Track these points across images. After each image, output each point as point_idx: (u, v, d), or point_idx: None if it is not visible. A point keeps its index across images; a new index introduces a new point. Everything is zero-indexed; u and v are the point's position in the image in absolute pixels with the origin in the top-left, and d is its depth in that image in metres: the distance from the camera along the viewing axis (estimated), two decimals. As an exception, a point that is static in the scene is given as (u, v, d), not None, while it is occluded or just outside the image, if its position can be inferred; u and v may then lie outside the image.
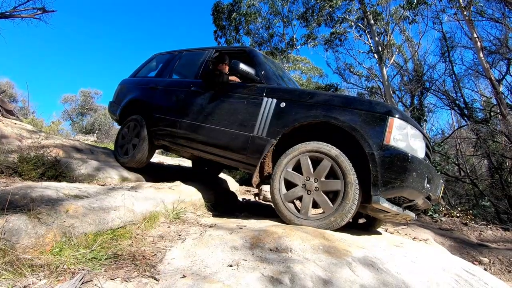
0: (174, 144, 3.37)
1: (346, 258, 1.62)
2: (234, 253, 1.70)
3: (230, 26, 13.90)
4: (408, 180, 2.03)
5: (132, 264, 1.54)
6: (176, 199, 2.81)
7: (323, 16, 12.31)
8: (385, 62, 11.78)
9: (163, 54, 4.29)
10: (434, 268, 1.83)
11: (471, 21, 8.17)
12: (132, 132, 3.73)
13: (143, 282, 1.31)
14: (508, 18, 10.55)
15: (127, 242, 1.82)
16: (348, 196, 2.13)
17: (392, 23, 12.03)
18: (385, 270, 1.58)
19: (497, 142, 10.31)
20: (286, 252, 1.68)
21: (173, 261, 1.64)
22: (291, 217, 2.31)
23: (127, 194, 2.32)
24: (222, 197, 3.80)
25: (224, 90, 2.99)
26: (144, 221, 2.24)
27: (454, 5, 9.02)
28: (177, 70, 3.88)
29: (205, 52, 3.61)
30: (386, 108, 2.21)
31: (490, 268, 3.56)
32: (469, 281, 1.81)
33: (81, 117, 26.63)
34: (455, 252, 3.80)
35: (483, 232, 4.92)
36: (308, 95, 2.52)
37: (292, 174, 2.38)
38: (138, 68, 4.50)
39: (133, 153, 3.59)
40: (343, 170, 2.18)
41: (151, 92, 3.73)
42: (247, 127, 2.68)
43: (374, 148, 2.09)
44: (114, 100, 4.38)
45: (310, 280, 1.35)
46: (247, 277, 1.32)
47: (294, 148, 2.39)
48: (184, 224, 2.50)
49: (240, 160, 2.78)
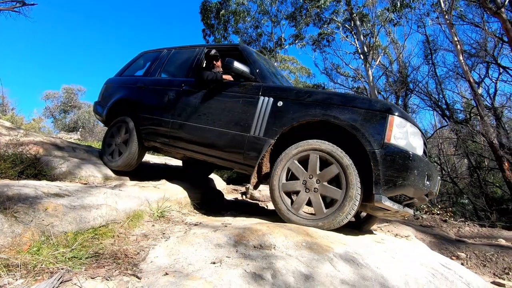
0: (166, 145, 3.28)
1: (328, 254, 1.65)
2: (218, 250, 1.70)
3: (218, 25, 13.82)
4: (410, 178, 2.02)
5: (114, 263, 1.52)
6: (161, 198, 2.78)
7: (311, 16, 12.42)
8: (371, 63, 12.01)
9: (150, 52, 4.16)
10: (412, 263, 1.89)
11: (452, 25, 8.45)
12: (120, 134, 3.61)
13: (125, 280, 1.30)
14: (487, 23, 10.98)
15: (109, 241, 1.80)
16: (344, 209, 2.10)
17: (378, 25, 12.28)
18: (365, 265, 1.63)
19: (476, 142, 10.71)
20: (270, 249, 1.70)
21: (156, 259, 1.63)
22: (282, 207, 2.29)
23: (110, 192, 2.28)
24: (208, 195, 3.79)
25: (218, 89, 2.92)
26: (128, 220, 2.21)
27: (436, 9, 9.30)
28: (166, 68, 3.77)
29: (195, 50, 3.51)
30: (386, 106, 2.20)
31: (466, 263, 3.71)
32: (445, 274, 1.88)
33: (63, 114, 25.82)
34: (435, 248, 3.93)
35: (461, 228, 5.11)
36: (306, 93, 2.48)
37: (297, 166, 2.32)
38: (124, 66, 4.36)
39: (122, 156, 3.47)
40: (348, 182, 2.12)
41: (139, 91, 3.61)
42: (243, 127, 2.62)
43: (375, 147, 2.07)
44: (99, 100, 4.21)
45: (291, 275, 1.37)
46: (229, 274, 1.33)
47: (308, 142, 2.32)
48: (169, 223, 2.48)
49: (236, 160, 2.72)
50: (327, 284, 1.37)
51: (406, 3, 8.77)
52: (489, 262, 3.65)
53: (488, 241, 4.54)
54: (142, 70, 4.12)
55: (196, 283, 1.22)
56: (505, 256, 3.68)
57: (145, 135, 3.39)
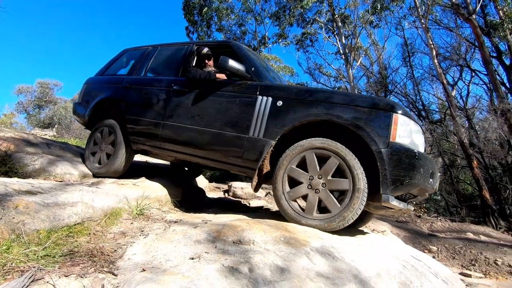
0: (157, 148, 3.12)
1: (305, 248, 1.70)
2: (197, 246, 1.71)
3: (202, 22, 13.66)
4: (417, 177, 2.01)
5: (89, 261, 1.49)
6: (140, 195, 2.74)
7: (295, 16, 12.54)
8: (352, 64, 12.30)
9: (134, 50, 3.94)
10: (385, 256, 1.98)
11: (428, 29, 8.82)
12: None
13: (100, 277, 1.28)
14: (461, 28, 11.53)
15: (85, 239, 1.76)
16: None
17: (359, 26, 12.59)
18: (340, 258, 1.69)
19: (449, 141, 11.25)
20: (249, 244, 1.72)
21: (134, 256, 1.62)
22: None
23: (86, 190, 2.23)
24: (189, 193, 3.77)
25: (212, 89, 2.79)
26: (105, 218, 2.17)
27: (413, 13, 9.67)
28: (152, 67, 3.58)
29: (184, 47, 3.35)
30: (389, 104, 2.17)
31: (438, 255, 3.91)
32: (415, 266, 1.99)
33: (38, 110, 24.68)
34: (409, 242, 4.12)
35: (434, 223, 5.37)
36: (306, 92, 2.42)
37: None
38: (105, 65, 4.10)
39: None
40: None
41: (125, 91, 3.41)
42: (242, 128, 2.51)
43: (381, 146, 2.03)
44: (80, 101, 3.94)
45: (268, 269, 1.41)
46: (207, 269, 1.35)
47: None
48: (148, 220, 2.45)
49: (234, 163, 2.62)
50: (302, 277, 1.42)
51: (385, 6, 9.07)
52: (458, 254, 3.87)
53: (457, 235, 4.80)
54: (125, 69, 3.91)
55: (173, 278, 1.22)
56: (472, 248, 3.91)
57: (133, 138, 3.21)
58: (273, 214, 3.14)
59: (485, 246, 3.96)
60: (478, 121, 11.64)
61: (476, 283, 2.71)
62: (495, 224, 6.98)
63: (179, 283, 1.19)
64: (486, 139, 8.86)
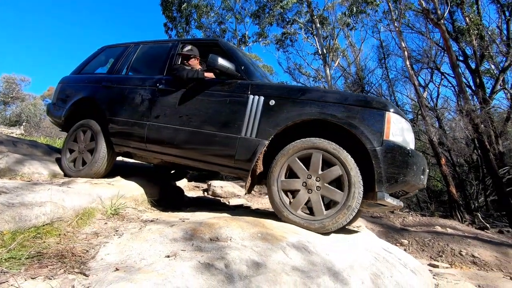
0: (142, 150, 2.99)
1: (281, 243, 1.73)
2: (173, 245, 1.69)
3: (181, 18, 13.41)
4: (410, 173, 2.04)
5: (59, 262, 1.43)
6: (115, 195, 2.66)
7: (275, 16, 12.63)
8: (330, 65, 12.59)
9: (114, 47, 3.77)
10: (358, 249, 2.05)
11: (400, 32, 9.23)
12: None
13: (70, 278, 1.24)
14: (432, 33, 12.13)
15: (55, 240, 1.69)
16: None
17: (337, 28, 12.90)
18: (315, 252, 1.73)
19: (421, 140, 11.81)
20: (226, 241, 1.73)
21: (107, 256, 1.58)
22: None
23: (56, 189, 2.13)
24: (168, 192, 3.70)
25: (200, 88, 2.71)
26: (77, 218, 2.09)
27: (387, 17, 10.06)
28: (135, 65, 3.44)
29: (169, 44, 3.23)
30: (382, 103, 2.19)
31: (409, 248, 4.11)
32: (386, 258, 2.08)
33: (3, 106, 23.20)
34: (382, 236, 4.29)
35: (406, 218, 5.63)
36: (299, 91, 2.40)
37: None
38: (82, 63, 3.90)
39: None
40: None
41: (106, 91, 3.25)
42: (233, 129, 2.46)
43: (375, 144, 2.04)
44: (55, 101, 3.72)
45: (245, 264, 1.42)
46: (183, 266, 1.34)
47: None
48: (123, 220, 2.39)
49: (225, 164, 2.55)
50: (278, 271, 1.45)
51: (361, 9, 9.38)
52: (427, 246, 4.08)
53: (427, 228, 5.07)
54: (104, 68, 3.74)
55: (147, 276, 1.20)
56: (440, 241, 4.14)
57: (115, 139, 3.05)
58: (253, 212, 3.17)
59: (451, 238, 4.21)
60: (447, 121, 12.32)
61: (442, 273, 2.88)
62: (460, 218, 7.43)
63: (153, 280, 1.17)
64: (453, 138, 9.40)
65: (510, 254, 3.87)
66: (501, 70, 10.76)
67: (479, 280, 3.09)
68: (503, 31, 11.42)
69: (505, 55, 10.27)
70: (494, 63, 11.94)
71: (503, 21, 11.27)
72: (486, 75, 12.24)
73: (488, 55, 10.98)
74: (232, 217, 2.17)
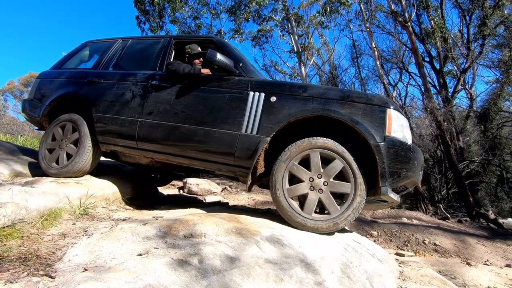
0: (132, 149, 2.85)
1: (255, 238, 1.76)
2: (146, 243, 1.67)
3: (154, 12, 12.98)
4: (412, 168, 2.09)
5: (21, 265, 1.37)
6: (84, 194, 2.56)
7: (251, 12, 12.60)
8: (305, 63, 12.81)
9: (99, 42, 3.63)
10: (330, 241, 2.14)
11: (371, 32, 9.60)
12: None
13: (34, 281, 1.18)
14: (401, 34, 12.73)
15: (17, 242, 1.60)
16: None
17: (312, 26, 13.13)
18: (288, 245, 1.79)
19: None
20: (200, 237, 1.73)
21: (75, 257, 1.52)
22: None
23: (18, 189, 2.01)
24: (141, 191, 3.61)
25: (197, 84, 2.66)
26: (42, 219, 1.99)
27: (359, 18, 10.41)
28: (122, 61, 3.29)
29: (160, 41, 3.15)
30: (383, 100, 2.24)
31: (378, 239, 4.33)
32: (355, 248, 2.19)
33: (-44, 101, 21.24)
34: (353, 228, 4.48)
35: (375, 211, 5.91)
36: (300, 88, 2.40)
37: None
38: (64, 58, 3.71)
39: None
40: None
41: (91, 87, 3.08)
42: (233, 125, 2.41)
43: (378, 140, 2.08)
44: (31, 97, 3.49)
45: (218, 259, 1.44)
46: (155, 263, 1.33)
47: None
48: (93, 220, 2.31)
49: (224, 162, 2.49)
50: (252, 264, 1.48)
51: (334, 9, 9.63)
52: (394, 237, 4.32)
53: (395, 220, 5.36)
54: (88, 63, 3.58)
55: (117, 275, 1.18)
56: (406, 231, 4.40)
57: (102, 138, 2.90)
58: (229, 208, 3.18)
59: (416, 229, 4.49)
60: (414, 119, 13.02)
61: (407, 261, 3.06)
62: (425, 209, 7.93)
63: (124, 279, 1.16)
64: (420, 135, 9.96)
65: (467, 242, 4.21)
66: (462, 71, 11.57)
67: (440, 266, 3.33)
68: (464, 35, 12.26)
69: (466, 57, 11.05)
70: (456, 65, 12.79)
71: (464, 25, 12.10)
72: (449, 76, 13.10)
73: (451, 56, 11.74)
74: (207, 214, 2.17)
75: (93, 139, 2.97)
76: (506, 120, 11.41)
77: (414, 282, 2.22)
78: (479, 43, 11.04)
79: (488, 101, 11.65)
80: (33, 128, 26.41)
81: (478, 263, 3.56)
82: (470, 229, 5.27)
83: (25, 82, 30.65)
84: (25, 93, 30.78)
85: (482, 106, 12.03)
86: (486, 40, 10.60)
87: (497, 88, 11.56)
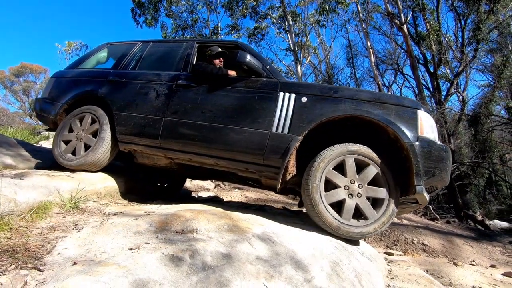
0: (154, 148, 2.83)
1: (247, 234, 1.77)
2: (137, 237, 1.66)
3: (149, 5, 12.82)
4: (445, 168, 2.17)
5: (9, 258, 1.35)
6: (75, 188, 2.53)
7: (248, 8, 12.54)
8: (301, 61, 12.82)
9: (118, 44, 3.71)
10: (321, 239, 2.16)
11: (367, 33, 9.66)
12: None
13: (22, 273, 1.17)
14: (397, 36, 12.83)
15: (5, 235, 1.58)
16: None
17: (309, 25, 13.14)
18: (279, 243, 1.80)
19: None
20: (192, 233, 1.73)
21: (65, 251, 1.51)
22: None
23: (6, 181, 1.98)
24: (133, 185, 3.59)
25: (224, 84, 2.70)
26: (31, 212, 1.97)
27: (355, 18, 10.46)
28: (144, 62, 3.35)
29: (183, 44, 3.24)
30: (414, 102, 2.32)
31: (368, 238, 4.39)
32: (345, 247, 2.21)
33: None
34: (344, 228, 4.53)
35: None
36: (330, 89, 2.45)
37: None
38: (81, 58, 3.78)
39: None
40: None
41: (112, 85, 3.11)
42: (263, 124, 2.43)
43: (412, 140, 2.13)
44: (46, 96, 3.48)
45: (209, 255, 1.44)
46: (146, 258, 1.33)
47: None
48: (84, 214, 2.29)
49: (253, 161, 2.46)
50: (243, 261, 1.49)
51: (332, 8, 9.65)
52: (384, 236, 4.39)
53: (385, 219, 5.42)
54: (106, 64, 3.64)
55: (107, 269, 1.18)
56: (395, 231, 4.47)
57: (122, 137, 2.90)
58: (223, 205, 3.18)
59: (405, 228, 4.57)
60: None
61: (396, 260, 3.12)
62: (415, 210, 8.04)
63: (114, 273, 1.15)
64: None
65: (454, 242, 4.30)
66: (455, 74, 11.71)
67: (427, 265, 3.39)
68: (458, 38, 12.41)
69: (459, 61, 11.19)
70: (450, 68, 12.96)
71: (459, 29, 12.24)
72: (442, 79, 13.26)
73: (445, 60, 11.88)
74: (199, 210, 2.17)
75: (112, 135, 2.98)
76: (496, 124, 11.62)
77: (402, 281, 2.27)
78: (473, 48, 11.19)
79: (480, 105, 11.83)
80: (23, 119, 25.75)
81: (465, 263, 3.64)
82: (458, 230, 5.37)
83: (16, 72, 29.96)
84: (16, 84, 30.12)
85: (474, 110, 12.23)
86: (480, 44, 10.75)
87: (488, 92, 11.75)
